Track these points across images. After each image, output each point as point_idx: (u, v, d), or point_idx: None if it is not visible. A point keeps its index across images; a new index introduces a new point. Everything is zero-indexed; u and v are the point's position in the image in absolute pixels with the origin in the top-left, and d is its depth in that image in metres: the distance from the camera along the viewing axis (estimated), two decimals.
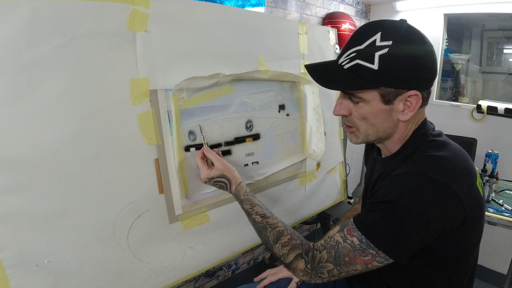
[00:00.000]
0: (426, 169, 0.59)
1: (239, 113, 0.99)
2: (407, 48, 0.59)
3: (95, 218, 0.71)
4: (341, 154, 1.43)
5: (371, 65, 0.59)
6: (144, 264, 0.80)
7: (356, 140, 0.71)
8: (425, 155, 0.62)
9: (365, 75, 0.60)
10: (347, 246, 0.62)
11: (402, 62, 0.59)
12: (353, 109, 0.66)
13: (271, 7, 1.76)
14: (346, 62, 0.63)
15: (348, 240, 0.62)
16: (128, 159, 0.75)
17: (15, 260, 0.62)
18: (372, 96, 0.62)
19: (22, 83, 0.61)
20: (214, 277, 1.84)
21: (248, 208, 0.79)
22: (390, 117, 0.65)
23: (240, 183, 0.83)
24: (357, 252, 0.61)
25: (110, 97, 0.72)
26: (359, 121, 0.67)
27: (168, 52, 0.81)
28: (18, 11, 0.59)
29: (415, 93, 0.61)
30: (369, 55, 0.59)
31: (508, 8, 2.00)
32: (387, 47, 0.58)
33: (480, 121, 2.14)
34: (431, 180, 0.57)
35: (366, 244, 0.60)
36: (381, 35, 0.59)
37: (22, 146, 0.61)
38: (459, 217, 0.59)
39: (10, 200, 0.61)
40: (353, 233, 0.62)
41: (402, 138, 0.69)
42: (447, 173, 0.58)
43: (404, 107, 0.63)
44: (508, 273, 1.38)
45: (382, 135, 0.68)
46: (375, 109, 0.63)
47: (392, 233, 0.58)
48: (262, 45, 1.02)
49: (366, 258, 0.60)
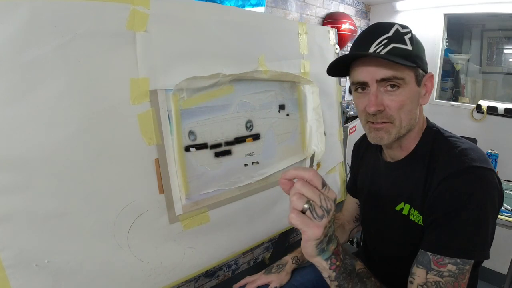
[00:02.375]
0: (469, 162, 0.59)
1: (239, 113, 0.99)
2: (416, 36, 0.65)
3: (95, 218, 0.71)
4: (341, 154, 1.42)
5: (406, 46, 0.62)
6: (144, 264, 0.80)
7: (389, 136, 0.65)
8: (459, 150, 0.63)
9: (405, 55, 0.61)
10: (449, 280, 0.57)
11: (420, 45, 0.65)
12: (387, 100, 0.63)
13: (271, 7, 1.76)
14: (381, 49, 0.61)
15: (445, 272, 0.57)
16: (128, 159, 0.75)
17: (15, 260, 0.61)
18: (410, 77, 0.63)
19: (22, 83, 0.61)
20: (214, 277, 1.84)
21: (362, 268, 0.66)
22: (417, 102, 0.66)
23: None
24: (459, 278, 0.57)
25: (110, 97, 0.72)
26: (395, 113, 0.63)
27: (168, 52, 0.81)
28: (18, 11, 0.59)
29: (431, 74, 0.66)
30: (400, 38, 0.62)
31: (508, 8, 2.00)
32: (409, 32, 0.63)
33: (480, 121, 2.14)
34: (478, 169, 0.58)
35: (462, 264, 0.56)
36: (398, 25, 0.64)
37: (22, 146, 0.61)
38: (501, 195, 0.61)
39: (10, 200, 0.61)
40: (444, 262, 0.57)
41: (418, 132, 0.69)
42: (482, 159, 0.60)
43: (425, 90, 0.66)
44: (508, 273, 1.38)
45: (413, 123, 0.66)
46: (412, 92, 0.64)
47: (478, 234, 0.57)
48: (262, 45, 1.02)
49: (466, 278, 0.57)
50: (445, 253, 0.57)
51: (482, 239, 0.57)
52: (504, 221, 1.30)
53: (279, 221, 1.14)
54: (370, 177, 0.81)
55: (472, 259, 0.56)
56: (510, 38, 2.54)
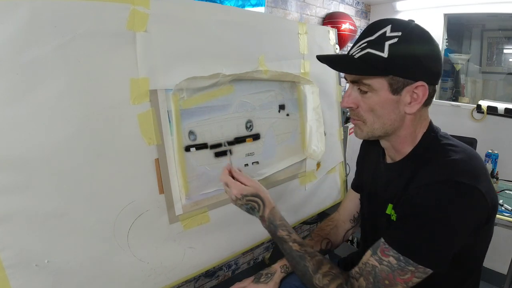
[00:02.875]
0: (452, 175, 0.58)
1: (239, 113, 0.99)
2: (415, 40, 0.61)
3: (95, 218, 0.71)
4: (341, 154, 1.43)
5: (381, 53, 0.60)
6: (144, 264, 0.80)
7: (361, 133, 0.70)
8: (446, 160, 0.61)
9: (375, 63, 0.61)
10: (384, 269, 0.59)
11: (410, 52, 0.60)
12: (361, 101, 0.66)
13: (271, 7, 1.76)
14: (357, 52, 0.64)
15: (385, 261, 0.60)
16: (128, 159, 0.75)
17: (15, 260, 0.62)
18: (381, 85, 0.62)
19: (22, 83, 0.61)
20: (214, 277, 1.84)
21: (284, 234, 0.74)
22: (397, 109, 0.64)
23: (274, 207, 0.78)
24: (396, 272, 0.58)
25: (110, 97, 0.72)
26: (366, 114, 0.66)
27: (168, 52, 0.81)
28: (18, 11, 0.59)
29: (422, 84, 0.61)
30: (379, 44, 0.61)
31: (508, 8, 2.00)
32: (396, 37, 0.60)
33: (480, 121, 2.14)
34: (459, 185, 0.57)
35: (404, 262, 0.58)
36: (391, 27, 0.61)
37: (22, 146, 0.61)
38: (484, 215, 0.59)
39: (10, 200, 0.61)
40: (388, 253, 0.59)
41: (411, 135, 0.68)
42: (471, 174, 0.58)
43: (411, 99, 0.63)
44: (508, 273, 1.38)
45: (388, 129, 0.67)
46: (383, 99, 0.63)
47: (431, 245, 0.57)
48: (262, 45, 1.02)
49: (406, 277, 0.58)
50: (392, 245, 0.59)
51: (434, 250, 0.57)
52: (504, 221, 1.30)
53: None
54: (372, 175, 0.82)
55: (415, 262, 0.57)
56: (510, 38, 2.54)
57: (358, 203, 0.94)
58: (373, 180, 0.80)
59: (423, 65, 0.61)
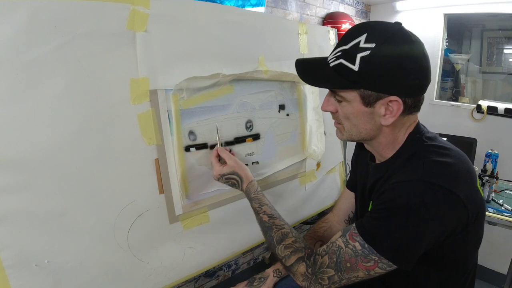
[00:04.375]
0: (428, 175, 0.58)
1: (239, 113, 0.99)
2: (389, 53, 0.57)
3: (95, 218, 0.71)
4: (341, 154, 1.43)
5: (352, 66, 0.60)
6: (144, 264, 0.80)
7: (341, 136, 0.72)
8: (426, 160, 0.61)
9: (347, 75, 0.61)
10: (348, 252, 0.61)
11: (382, 66, 0.58)
12: (338, 107, 0.68)
13: (271, 7, 1.77)
14: (332, 60, 0.64)
15: (350, 245, 0.61)
16: (128, 159, 0.75)
17: (15, 260, 0.62)
18: (353, 97, 0.63)
19: (22, 83, 0.61)
20: (214, 277, 1.84)
21: (256, 206, 0.80)
22: (372, 120, 0.64)
23: (251, 181, 0.84)
24: (359, 258, 0.60)
25: (110, 97, 0.72)
26: (343, 120, 0.68)
27: (168, 52, 0.81)
28: (18, 11, 0.59)
29: (395, 99, 0.60)
30: (351, 56, 0.60)
31: (508, 8, 2.00)
32: (369, 49, 0.58)
33: (480, 121, 2.14)
34: (434, 186, 0.56)
35: (368, 250, 0.59)
36: (366, 36, 0.59)
37: (22, 146, 0.61)
38: (462, 220, 0.59)
39: (10, 200, 0.61)
40: (356, 238, 0.61)
41: (392, 142, 0.68)
42: (449, 178, 0.57)
43: (386, 112, 0.62)
44: (508, 273, 1.38)
45: (365, 136, 0.68)
46: (356, 110, 0.64)
47: (396, 240, 0.57)
48: (262, 45, 1.02)
49: (368, 264, 0.59)
50: (361, 232, 0.61)
51: (398, 245, 0.57)
52: (504, 221, 1.30)
53: None
54: (363, 176, 0.83)
55: (378, 252, 0.58)
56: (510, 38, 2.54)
57: (353, 203, 0.95)
58: (363, 181, 0.81)
59: (396, 80, 0.59)
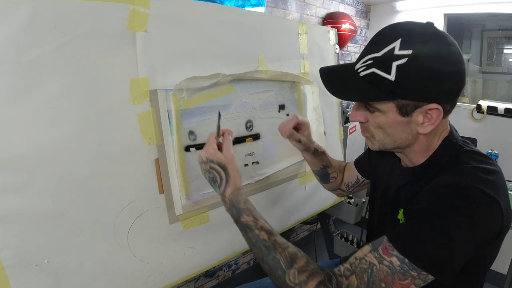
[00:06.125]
0: (473, 181, 0.54)
1: (239, 113, 0.99)
2: (428, 59, 0.53)
3: (95, 218, 0.71)
4: (341, 154, 1.42)
5: (388, 76, 0.55)
6: (144, 264, 0.80)
7: (373, 146, 0.66)
8: (468, 166, 0.57)
9: (381, 85, 0.56)
10: (384, 269, 0.53)
11: (422, 74, 0.53)
12: (369, 116, 0.62)
13: (271, 7, 1.77)
14: (362, 69, 0.59)
15: (386, 261, 0.53)
16: (128, 159, 0.75)
17: (15, 260, 0.62)
18: (389, 107, 0.58)
19: (22, 83, 0.61)
20: (214, 277, 1.84)
21: (250, 220, 0.64)
22: (409, 129, 0.60)
23: (239, 188, 0.68)
24: (396, 275, 0.52)
25: (110, 97, 0.72)
26: (375, 130, 0.63)
27: (168, 52, 0.81)
28: (18, 11, 0.59)
29: (436, 107, 0.56)
30: (386, 64, 0.55)
31: (508, 8, 2.00)
32: (406, 57, 0.53)
33: (480, 121, 2.14)
34: (479, 192, 0.52)
35: (408, 265, 0.52)
36: (401, 42, 0.54)
37: (22, 146, 0.61)
38: (496, 231, 0.55)
39: (10, 200, 0.61)
40: (392, 253, 0.53)
41: (425, 148, 0.64)
42: (492, 185, 0.54)
43: (424, 120, 0.58)
44: (508, 273, 1.38)
45: (400, 145, 0.63)
46: (392, 120, 0.59)
47: (441, 249, 0.51)
48: (262, 45, 1.02)
49: (405, 282, 0.52)
50: (397, 245, 0.53)
51: (442, 255, 0.52)
52: None
53: (279, 221, 1.14)
54: (387, 177, 0.78)
55: (419, 267, 0.51)
56: (510, 38, 2.54)
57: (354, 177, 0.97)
58: (388, 182, 0.77)
59: (437, 87, 0.54)
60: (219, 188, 0.69)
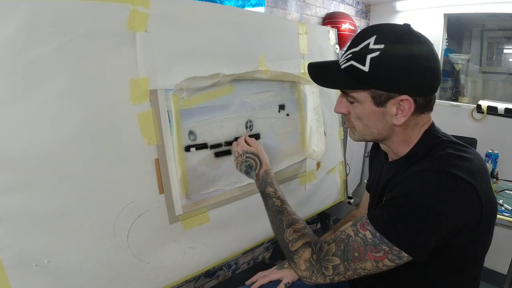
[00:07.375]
0: (446, 165, 0.57)
1: (239, 113, 0.99)
2: (398, 53, 0.59)
3: (95, 218, 0.71)
4: (341, 154, 1.43)
5: (363, 67, 0.61)
6: (144, 264, 0.80)
7: (354, 137, 0.73)
8: (443, 153, 0.61)
9: (357, 76, 0.63)
10: (358, 240, 0.60)
11: (392, 66, 0.59)
12: (350, 108, 0.69)
13: (271, 7, 1.77)
14: (343, 63, 0.66)
15: (360, 234, 0.60)
16: (128, 159, 0.75)
17: (15, 260, 0.62)
18: (364, 97, 0.64)
19: (22, 83, 0.61)
20: (214, 277, 1.84)
21: (271, 191, 0.81)
22: (384, 120, 0.65)
23: (270, 169, 0.87)
24: (368, 247, 0.58)
25: (110, 97, 0.72)
26: (355, 121, 0.69)
27: (168, 52, 0.81)
28: (18, 11, 0.59)
29: (406, 98, 0.61)
30: (361, 57, 0.61)
31: (508, 8, 2.00)
32: (378, 51, 0.60)
33: (480, 121, 2.14)
34: (452, 176, 0.56)
35: (379, 239, 0.58)
36: (375, 38, 0.61)
37: (22, 146, 0.61)
38: (476, 215, 0.58)
39: (10, 200, 0.61)
40: (366, 227, 0.60)
41: (405, 140, 0.68)
42: (466, 170, 0.57)
43: (398, 112, 0.63)
44: (508, 273, 1.38)
45: (377, 136, 0.69)
46: (368, 110, 0.65)
47: (410, 228, 0.56)
48: (262, 45, 1.02)
49: (378, 255, 0.58)
50: (372, 221, 0.60)
51: (411, 233, 0.56)
52: (504, 221, 1.30)
53: None
54: (378, 175, 0.82)
55: (390, 241, 0.57)
56: (510, 38, 2.54)
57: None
58: (379, 180, 0.80)
59: (406, 79, 0.60)
60: (255, 171, 0.87)
